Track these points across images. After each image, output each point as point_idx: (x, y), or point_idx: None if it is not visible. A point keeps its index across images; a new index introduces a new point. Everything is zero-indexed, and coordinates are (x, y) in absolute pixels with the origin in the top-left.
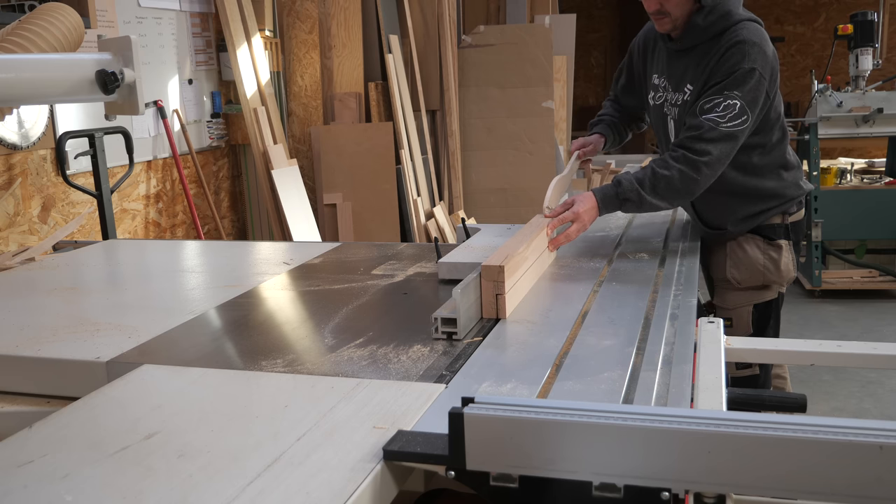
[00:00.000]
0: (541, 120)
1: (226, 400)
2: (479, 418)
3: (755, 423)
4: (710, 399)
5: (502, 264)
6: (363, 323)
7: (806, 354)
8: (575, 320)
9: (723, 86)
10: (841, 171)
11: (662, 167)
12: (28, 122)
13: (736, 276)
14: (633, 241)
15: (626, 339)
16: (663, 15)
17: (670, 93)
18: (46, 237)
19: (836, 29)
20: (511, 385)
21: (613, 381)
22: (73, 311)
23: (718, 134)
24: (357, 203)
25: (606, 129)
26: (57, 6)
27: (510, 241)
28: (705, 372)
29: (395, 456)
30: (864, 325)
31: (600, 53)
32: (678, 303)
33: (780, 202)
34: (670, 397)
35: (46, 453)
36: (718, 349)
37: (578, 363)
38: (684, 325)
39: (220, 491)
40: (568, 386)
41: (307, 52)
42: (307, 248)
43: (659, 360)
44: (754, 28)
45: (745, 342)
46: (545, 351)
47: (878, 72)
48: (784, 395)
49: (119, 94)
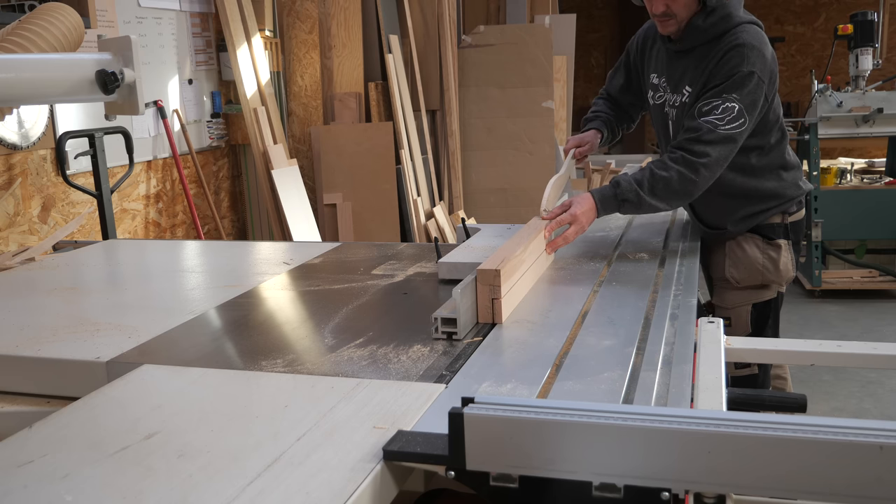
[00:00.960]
0: (541, 120)
1: (226, 400)
2: (479, 418)
3: (755, 423)
4: (710, 399)
5: (498, 268)
6: (363, 323)
7: (806, 354)
8: (575, 320)
9: (721, 88)
10: (841, 171)
11: (661, 168)
12: (28, 122)
13: (735, 275)
14: (633, 241)
15: (625, 340)
16: (669, 17)
17: (669, 94)
18: (46, 237)
19: (836, 29)
20: (511, 385)
21: (613, 382)
22: (73, 311)
23: (717, 136)
24: (357, 203)
25: (602, 126)
26: (57, 6)
27: (507, 244)
28: (705, 372)
29: (395, 456)
30: (864, 325)
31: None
32: (678, 303)
33: (780, 202)
34: (670, 397)
35: (46, 453)
36: (718, 349)
37: (578, 363)
38: (684, 326)
39: (220, 491)
40: (568, 386)
41: (307, 52)
42: (307, 248)
43: (659, 360)
44: (754, 31)
45: (745, 342)
46: (545, 351)
47: (878, 72)
48: (784, 395)
49: (119, 94)
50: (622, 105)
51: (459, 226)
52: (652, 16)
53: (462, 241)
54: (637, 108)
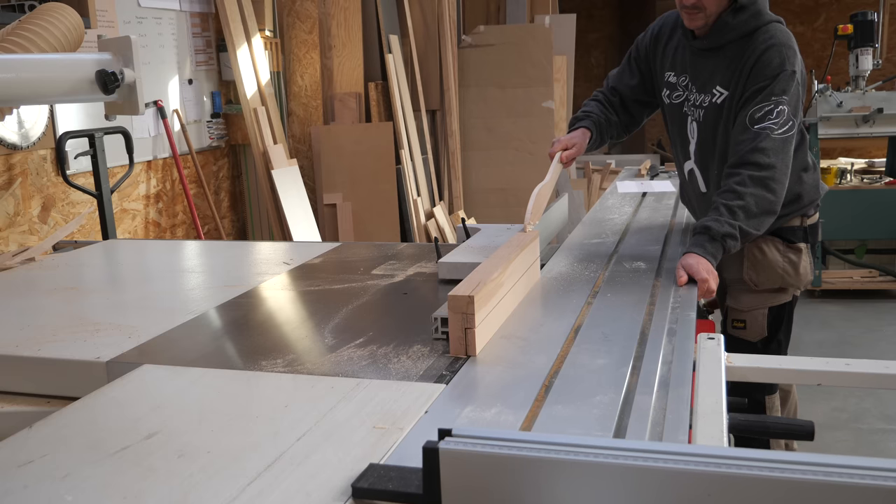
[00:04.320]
0: (541, 120)
1: (226, 400)
2: (455, 454)
3: (760, 461)
4: (710, 426)
5: (472, 294)
6: (363, 323)
7: (812, 374)
8: (567, 335)
9: (769, 91)
10: (841, 171)
11: (735, 198)
12: (28, 122)
13: (753, 277)
14: (630, 248)
15: (620, 358)
16: (698, 10)
17: (694, 93)
18: (46, 237)
19: (836, 29)
20: (496, 410)
21: (606, 406)
22: (73, 311)
23: (775, 143)
24: (357, 203)
25: (591, 126)
26: (57, 6)
27: (485, 264)
28: (705, 395)
29: (364, 493)
30: (864, 325)
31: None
32: (676, 316)
33: (801, 205)
34: (667, 424)
35: (46, 453)
36: (719, 369)
37: (569, 384)
38: (682, 342)
39: (220, 491)
40: (556, 410)
41: (307, 52)
42: (307, 248)
43: (655, 381)
44: (785, 30)
45: (747, 360)
46: (534, 370)
47: (878, 72)
48: (790, 422)
49: (119, 94)
50: (629, 106)
51: (459, 226)
52: (680, 7)
53: (462, 241)
54: (648, 108)
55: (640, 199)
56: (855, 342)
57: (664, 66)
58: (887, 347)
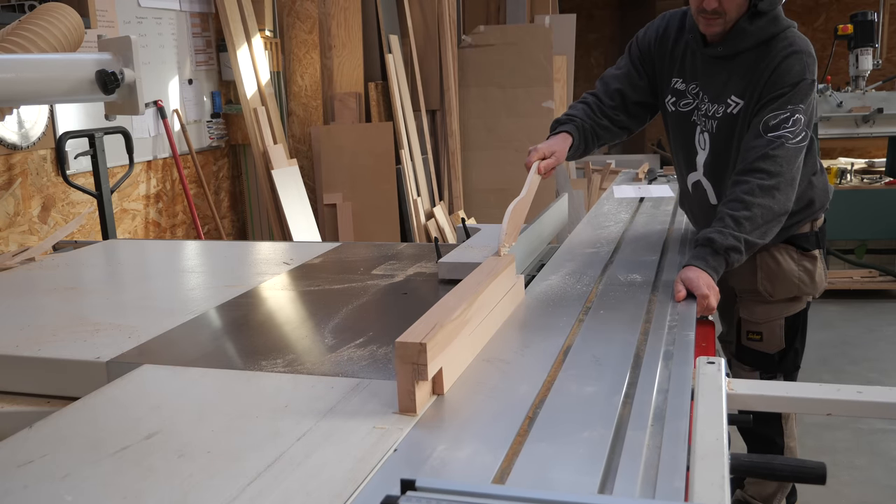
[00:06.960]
0: (541, 120)
1: (226, 400)
2: None
3: None
4: (710, 469)
5: (424, 341)
6: (363, 323)
7: (822, 402)
8: (555, 359)
9: (786, 99)
10: (841, 171)
11: (741, 208)
12: (28, 122)
13: (768, 288)
14: (625, 259)
15: (611, 386)
16: (718, 15)
17: (706, 103)
18: (46, 237)
19: (836, 29)
20: (471, 449)
21: (594, 444)
22: (73, 311)
23: (787, 151)
24: (357, 203)
25: (574, 130)
26: (57, 6)
27: (448, 298)
28: (704, 430)
29: None
30: (864, 325)
31: (600, 53)
32: (673, 337)
33: (812, 210)
34: (661, 466)
35: (46, 453)
36: (719, 399)
37: (554, 417)
38: (680, 367)
39: (220, 491)
40: (539, 449)
41: (307, 52)
42: (307, 248)
43: (650, 413)
44: (803, 36)
45: (750, 386)
46: (517, 400)
47: (878, 72)
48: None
49: (119, 94)
50: (630, 108)
51: (459, 226)
52: (698, 12)
53: (462, 241)
54: (650, 111)
55: (637, 205)
56: (855, 342)
57: (671, 72)
58: (887, 347)
